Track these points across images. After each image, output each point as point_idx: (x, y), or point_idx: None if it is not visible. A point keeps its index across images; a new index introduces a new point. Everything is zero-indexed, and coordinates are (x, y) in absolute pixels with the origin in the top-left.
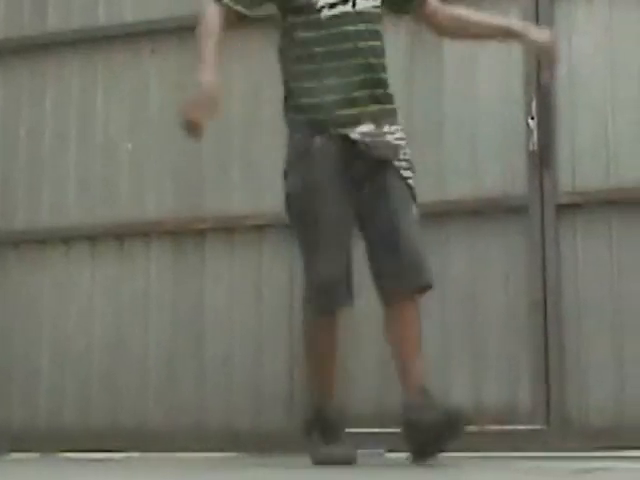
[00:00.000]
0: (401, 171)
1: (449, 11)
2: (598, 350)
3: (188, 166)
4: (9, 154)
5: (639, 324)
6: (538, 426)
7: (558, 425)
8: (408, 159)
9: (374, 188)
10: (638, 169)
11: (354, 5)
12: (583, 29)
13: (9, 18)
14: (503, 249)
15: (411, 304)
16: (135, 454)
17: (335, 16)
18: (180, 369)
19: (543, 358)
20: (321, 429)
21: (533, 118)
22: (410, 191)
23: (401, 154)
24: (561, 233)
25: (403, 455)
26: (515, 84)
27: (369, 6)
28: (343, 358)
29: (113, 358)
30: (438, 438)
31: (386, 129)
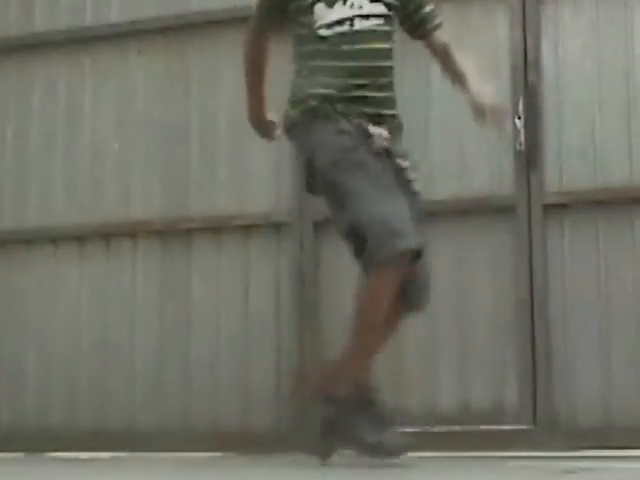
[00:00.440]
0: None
1: (443, 43)
2: (585, 350)
3: (175, 166)
4: None
5: (626, 324)
6: (525, 426)
7: (545, 425)
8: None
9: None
10: (625, 169)
11: (352, 25)
12: (570, 30)
13: None
14: (490, 249)
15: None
16: (122, 454)
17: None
18: (167, 369)
19: (530, 358)
20: (367, 414)
21: (520, 118)
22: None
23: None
24: (548, 233)
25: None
26: (502, 84)
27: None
28: (321, 358)
29: (100, 358)
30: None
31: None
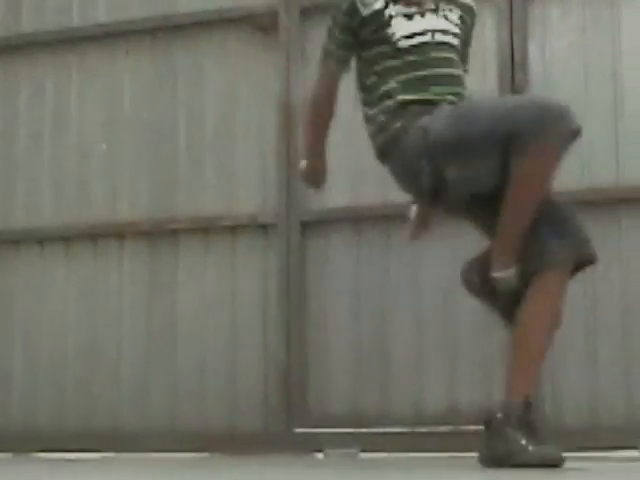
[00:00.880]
0: None
1: None
2: (572, 350)
3: (162, 167)
4: None
5: (612, 324)
6: None
7: None
8: None
9: None
10: (612, 169)
11: (433, 36)
12: (557, 29)
13: None
14: (474, 248)
15: None
16: (109, 455)
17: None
18: (154, 369)
19: None
20: (527, 425)
21: None
22: None
23: None
24: None
25: (377, 455)
26: (489, 84)
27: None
28: (308, 359)
29: (87, 358)
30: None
31: None
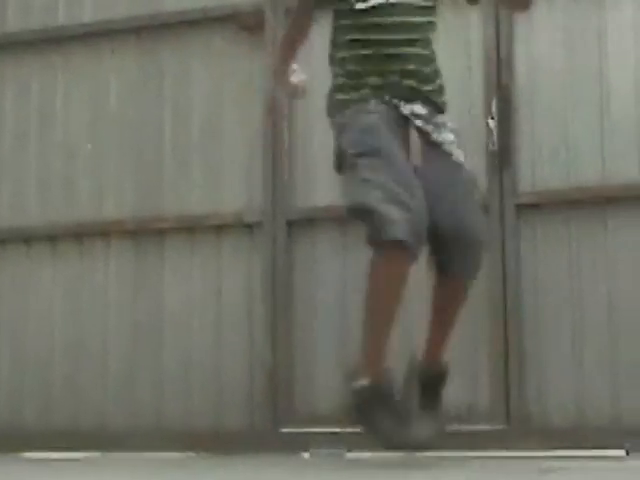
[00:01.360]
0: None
1: None
2: (558, 350)
3: (148, 166)
4: None
5: (599, 324)
6: (498, 426)
7: (518, 425)
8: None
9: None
10: (597, 169)
11: None
12: (542, 30)
13: None
14: None
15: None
16: (95, 454)
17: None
18: (140, 369)
19: (503, 358)
20: (385, 408)
21: (493, 118)
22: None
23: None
24: (521, 233)
25: (363, 454)
26: (475, 84)
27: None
28: (294, 358)
29: (73, 357)
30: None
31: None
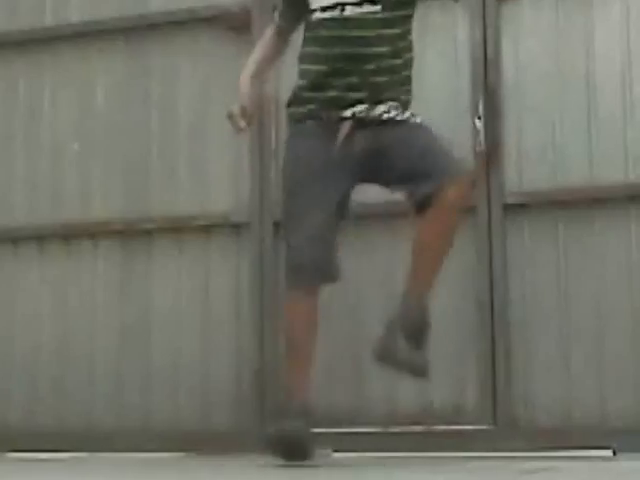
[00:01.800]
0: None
1: None
2: (545, 350)
3: (135, 166)
4: None
5: (586, 324)
6: (485, 426)
7: (505, 425)
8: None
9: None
10: (585, 169)
11: (343, 10)
12: (530, 30)
13: None
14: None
15: (449, 210)
16: (82, 454)
17: (325, 19)
18: (127, 369)
19: (490, 358)
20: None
21: (480, 118)
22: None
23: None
24: (508, 233)
25: (350, 455)
26: (462, 84)
27: (361, 12)
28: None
29: (60, 358)
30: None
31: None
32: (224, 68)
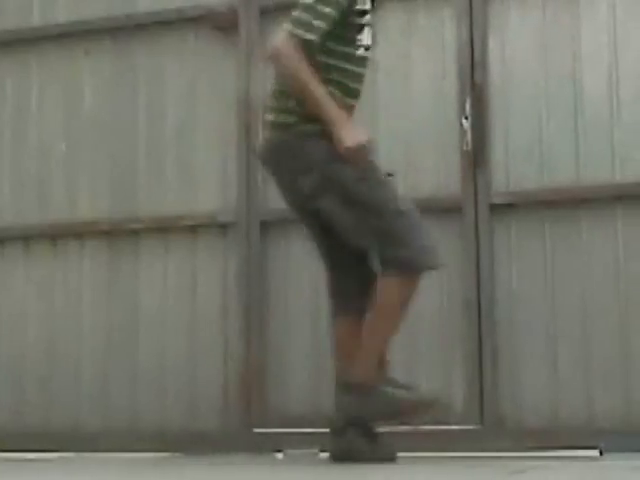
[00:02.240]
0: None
1: None
2: (532, 350)
3: (122, 166)
4: None
5: (572, 324)
6: (472, 426)
7: (492, 425)
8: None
9: None
10: (571, 169)
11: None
12: (516, 30)
13: None
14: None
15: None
16: (69, 454)
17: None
18: (114, 369)
19: (477, 357)
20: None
21: (467, 118)
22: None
23: None
24: (495, 233)
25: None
26: (449, 84)
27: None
28: (268, 359)
29: (47, 358)
30: None
31: None
32: (211, 68)
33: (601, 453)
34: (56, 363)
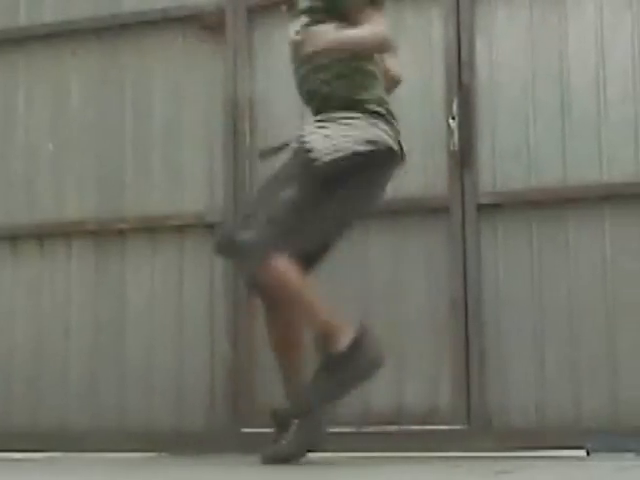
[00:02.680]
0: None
1: None
2: (519, 350)
3: (109, 166)
4: None
5: (560, 324)
6: (459, 426)
7: (479, 425)
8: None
9: None
10: (558, 170)
11: None
12: (504, 30)
13: None
14: (424, 249)
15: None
16: (56, 454)
17: None
18: (101, 369)
19: (464, 358)
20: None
21: (454, 118)
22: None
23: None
24: (482, 233)
25: (323, 455)
26: (436, 84)
27: None
28: (255, 359)
29: (34, 358)
30: None
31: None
32: (198, 68)
33: (588, 453)
34: (43, 363)
